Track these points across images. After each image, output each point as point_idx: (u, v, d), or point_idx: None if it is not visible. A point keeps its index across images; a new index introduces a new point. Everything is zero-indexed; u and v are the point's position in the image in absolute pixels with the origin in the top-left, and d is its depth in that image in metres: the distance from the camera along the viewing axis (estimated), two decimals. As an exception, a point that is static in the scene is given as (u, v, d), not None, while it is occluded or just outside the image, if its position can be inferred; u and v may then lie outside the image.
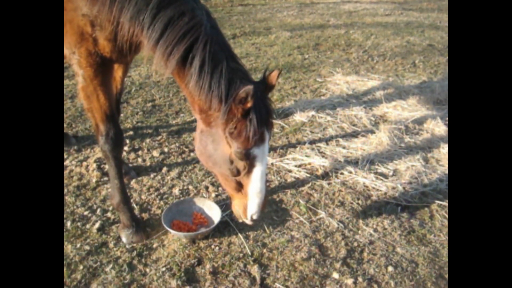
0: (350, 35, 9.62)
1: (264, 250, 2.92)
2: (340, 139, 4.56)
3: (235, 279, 2.67)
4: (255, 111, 2.14)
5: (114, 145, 2.77)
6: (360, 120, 5.08)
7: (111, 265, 2.73)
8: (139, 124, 4.80)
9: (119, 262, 2.76)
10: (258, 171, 2.32)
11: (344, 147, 4.40)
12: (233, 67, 2.22)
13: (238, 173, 2.34)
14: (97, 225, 3.08)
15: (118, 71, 3.22)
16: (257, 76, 6.68)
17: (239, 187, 2.43)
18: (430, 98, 5.70)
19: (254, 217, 2.47)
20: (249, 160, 2.27)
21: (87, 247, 2.87)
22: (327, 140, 4.56)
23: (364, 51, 8.26)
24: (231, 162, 2.30)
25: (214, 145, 2.34)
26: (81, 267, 2.71)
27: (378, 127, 4.79)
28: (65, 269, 2.68)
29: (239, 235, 3.05)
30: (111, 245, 2.92)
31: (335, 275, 2.73)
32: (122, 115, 4.90)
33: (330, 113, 5.23)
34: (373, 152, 4.28)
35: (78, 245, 2.89)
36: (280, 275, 2.72)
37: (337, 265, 2.81)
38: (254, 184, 2.34)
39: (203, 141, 2.41)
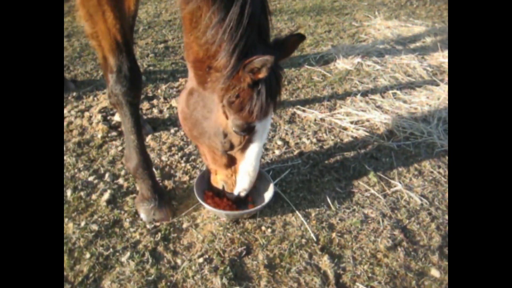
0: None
1: (333, 235, 2.18)
2: (398, 92, 3.73)
3: (300, 276, 1.94)
4: (265, 83, 1.77)
5: (130, 85, 1.97)
6: (415, 70, 4.25)
7: (128, 253, 1.98)
8: (151, 68, 3.94)
9: (138, 249, 2.02)
10: (255, 147, 1.97)
11: (405, 101, 3.59)
12: (262, 24, 1.80)
13: (231, 147, 1.98)
14: (106, 195, 2.32)
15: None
16: (277, 18, 5.72)
17: (229, 162, 2.06)
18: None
19: (242, 194, 2.13)
20: (248, 135, 1.91)
21: (95, 227, 2.12)
22: (382, 92, 3.74)
23: (401, -6, 7.23)
24: (225, 135, 1.93)
25: (205, 111, 1.94)
26: (87, 255, 1.97)
27: (438, 79, 3.96)
28: (66, 258, 1.94)
29: (297, 213, 2.29)
30: (126, 224, 2.16)
31: (434, 272, 2.00)
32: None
33: (377, 61, 4.39)
34: (442, 107, 3.47)
35: (83, 224, 2.13)
36: (360, 270, 1.99)
37: (434, 258, 2.08)
38: (248, 162, 2.00)
39: (191, 104, 1.97)
